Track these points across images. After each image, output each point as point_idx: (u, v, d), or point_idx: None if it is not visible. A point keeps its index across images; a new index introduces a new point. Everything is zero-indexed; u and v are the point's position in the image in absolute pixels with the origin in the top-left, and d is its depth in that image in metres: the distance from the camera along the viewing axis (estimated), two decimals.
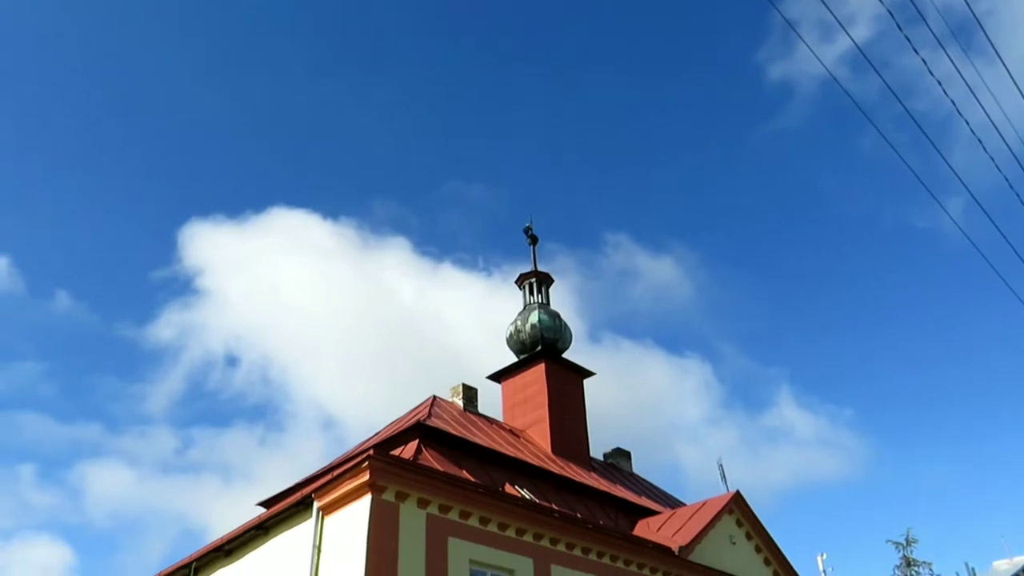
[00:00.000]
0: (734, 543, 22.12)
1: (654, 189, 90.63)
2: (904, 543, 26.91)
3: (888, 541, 29.85)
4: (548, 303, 28.40)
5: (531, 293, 28.48)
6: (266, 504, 20.24)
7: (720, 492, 23.49)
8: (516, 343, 26.98)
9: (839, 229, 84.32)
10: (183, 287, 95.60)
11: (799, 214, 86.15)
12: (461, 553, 15.08)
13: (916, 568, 25.72)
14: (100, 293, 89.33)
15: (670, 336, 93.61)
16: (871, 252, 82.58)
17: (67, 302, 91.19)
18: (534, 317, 26.90)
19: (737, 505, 22.86)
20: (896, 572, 26.76)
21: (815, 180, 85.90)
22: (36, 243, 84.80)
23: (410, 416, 21.07)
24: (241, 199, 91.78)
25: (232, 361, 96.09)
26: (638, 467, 28.51)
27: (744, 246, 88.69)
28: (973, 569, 20.75)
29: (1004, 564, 11.87)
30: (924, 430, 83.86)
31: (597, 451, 27.17)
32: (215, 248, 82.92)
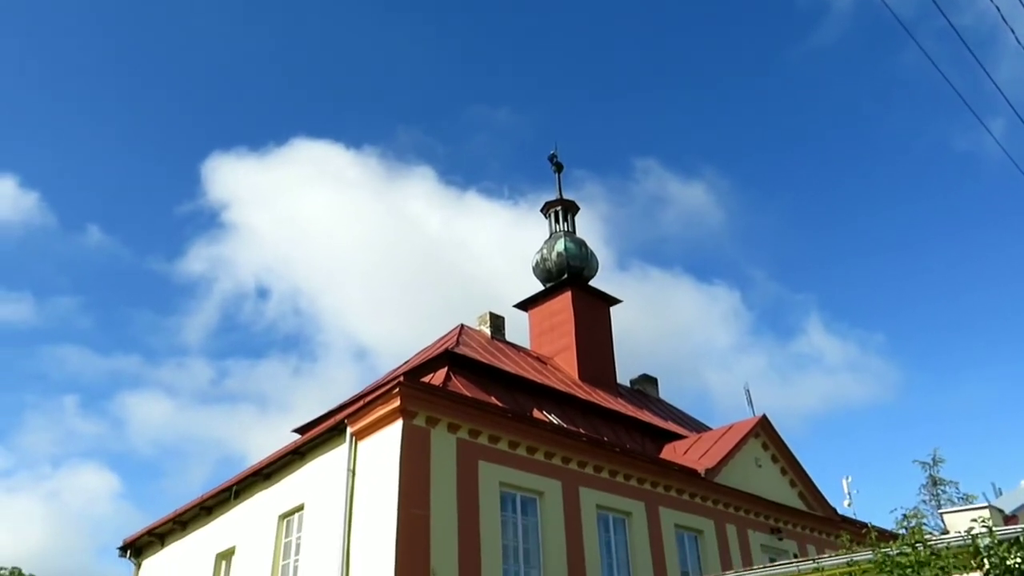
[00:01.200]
0: (760, 466, 22.41)
1: (684, 112, 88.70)
2: (931, 463, 27.03)
3: (915, 461, 30.05)
4: (574, 231, 28.31)
5: (557, 221, 28.40)
6: (301, 431, 20.79)
7: (747, 417, 23.73)
8: (542, 272, 27.04)
9: (875, 152, 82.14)
10: (209, 221, 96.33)
11: (834, 136, 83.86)
12: (491, 476, 15.46)
13: (942, 487, 25.85)
14: (129, 228, 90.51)
15: (700, 263, 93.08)
16: (908, 175, 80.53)
17: (98, 236, 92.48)
18: (560, 245, 26.87)
19: (763, 429, 23.07)
20: (922, 491, 26.96)
21: (851, 101, 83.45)
22: (64, 178, 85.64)
23: (439, 344, 21.35)
24: (262, 131, 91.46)
25: (263, 293, 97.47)
26: (664, 393, 28.82)
27: (777, 170, 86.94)
28: (1000, 489, 20.84)
29: None
30: (957, 355, 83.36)
31: (624, 378, 27.47)
32: (238, 182, 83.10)
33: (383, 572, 13.33)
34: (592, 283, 27.18)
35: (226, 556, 18.64)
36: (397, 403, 14.42)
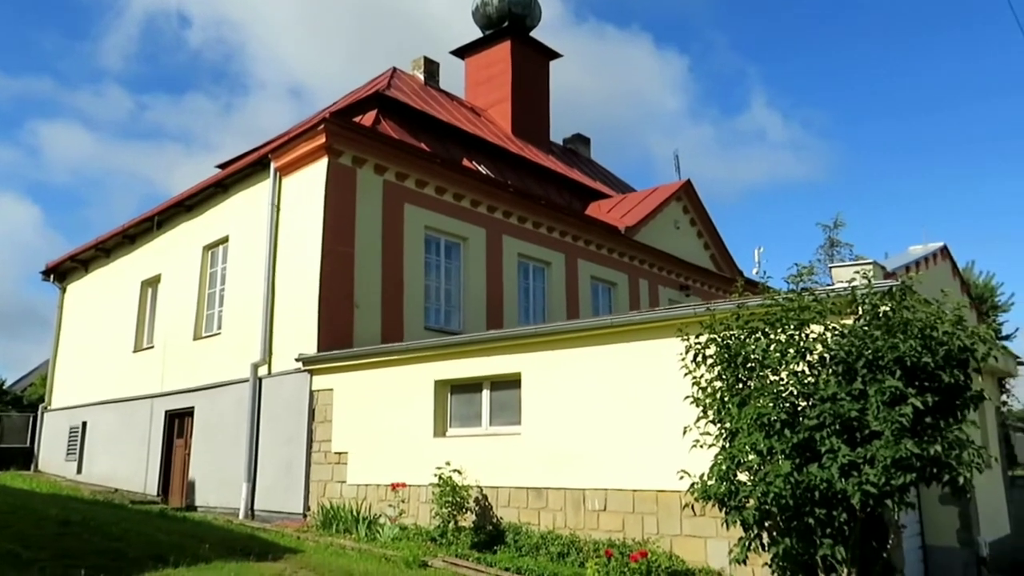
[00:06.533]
0: (678, 228, 23.36)
1: None
2: (832, 225, 28.29)
3: (818, 224, 31.76)
4: None
5: None
6: (225, 166, 20.38)
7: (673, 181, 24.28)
8: (482, 17, 25.66)
9: None
10: None
11: None
12: (417, 219, 15.69)
13: (838, 248, 27.39)
14: None
15: (662, 22, 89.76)
16: None
17: None
18: None
19: (686, 193, 23.76)
20: (819, 251, 28.48)
21: None
22: None
23: (369, 86, 20.58)
24: None
25: (184, 21, 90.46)
26: (600, 155, 29.04)
27: None
28: (887, 253, 22.37)
29: (918, 248, 12.75)
30: (896, 140, 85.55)
31: (559, 135, 27.38)
32: None
33: (307, 304, 13.82)
34: (535, 34, 26.05)
35: (152, 283, 18.95)
36: (322, 140, 14.12)
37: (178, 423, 16.82)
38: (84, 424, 20.11)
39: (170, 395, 16.87)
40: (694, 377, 7.60)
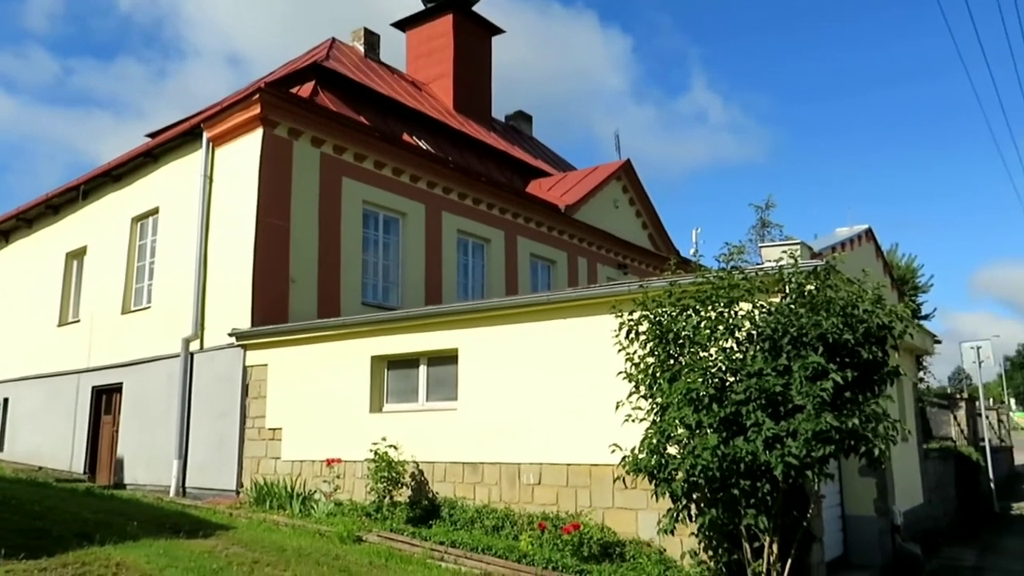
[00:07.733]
0: (617, 207, 23.60)
1: None
2: (763, 206, 28.96)
3: (750, 204, 32.43)
4: None
5: None
6: (155, 135, 19.72)
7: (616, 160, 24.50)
8: None
9: None
10: None
11: None
12: (355, 193, 15.48)
13: (769, 229, 28.07)
14: None
15: (605, 0, 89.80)
16: None
17: None
18: None
19: (625, 173, 23.99)
20: (750, 232, 29.12)
21: None
22: None
23: (307, 57, 20.12)
24: None
25: None
26: (541, 132, 29.01)
27: None
28: (816, 235, 23.02)
29: (844, 230, 13.29)
30: (828, 125, 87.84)
31: (501, 112, 27.25)
32: None
33: (241, 278, 13.54)
34: (478, 9, 25.78)
35: (77, 255, 18.30)
36: (257, 111, 13.78)
37: (106, 399, 16.36)
38: (6, 400, 19.38)
39: (97, 370, 16.38)
40: (627, 353, 7.75)
